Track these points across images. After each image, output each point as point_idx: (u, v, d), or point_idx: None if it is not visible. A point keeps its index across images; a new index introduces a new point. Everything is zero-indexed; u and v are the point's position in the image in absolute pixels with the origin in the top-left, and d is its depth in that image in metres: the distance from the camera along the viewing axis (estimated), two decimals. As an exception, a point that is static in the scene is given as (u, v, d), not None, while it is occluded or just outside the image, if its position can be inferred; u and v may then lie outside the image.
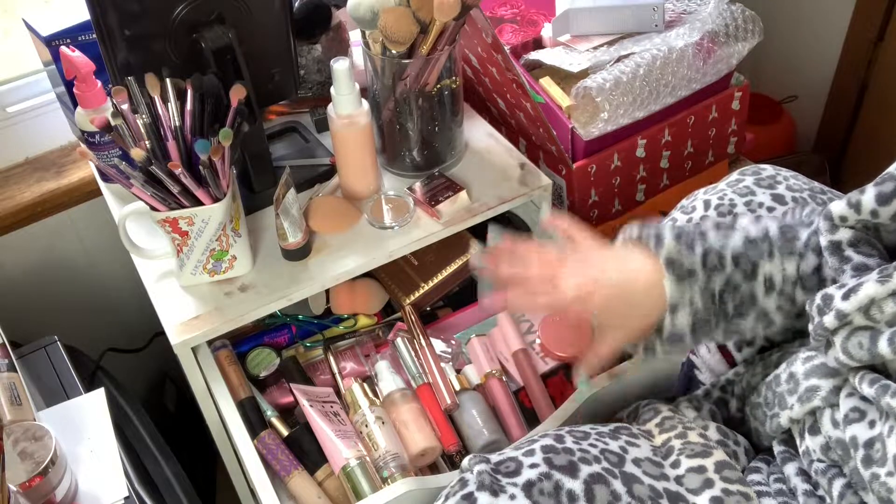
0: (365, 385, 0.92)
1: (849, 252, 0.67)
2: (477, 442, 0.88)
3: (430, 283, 1.02)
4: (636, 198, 1.28)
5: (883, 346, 0.59)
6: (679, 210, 0.93)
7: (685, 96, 1.20)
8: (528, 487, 0.63)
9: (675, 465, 0.69)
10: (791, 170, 0.93)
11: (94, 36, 0.86)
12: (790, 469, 0.70)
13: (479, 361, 0.95)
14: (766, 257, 0.73)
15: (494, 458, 0.68)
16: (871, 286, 0.59)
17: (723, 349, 0.87)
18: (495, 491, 0.63)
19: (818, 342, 0.66)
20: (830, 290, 0.63)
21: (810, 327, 0.66)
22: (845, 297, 0.61)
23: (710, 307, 0.74)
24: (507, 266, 0.80)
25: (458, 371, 0.96)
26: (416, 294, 1.02)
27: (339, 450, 0.86)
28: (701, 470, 0.68)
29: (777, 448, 0.72)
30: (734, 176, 0.92)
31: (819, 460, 0.67)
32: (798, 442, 0.70)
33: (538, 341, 0.97)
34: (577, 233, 0.81)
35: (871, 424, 0.61)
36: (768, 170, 0.91)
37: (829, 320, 0.62)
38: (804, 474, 0.69)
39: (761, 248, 0.74)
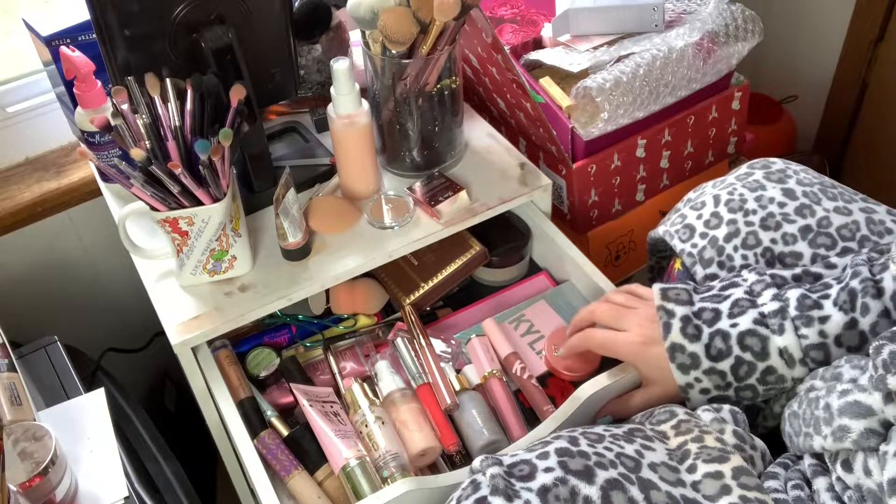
0: (365, 385, 0.92)
1: None
2: (477, 442, 0.88)
3: (430, 283, 1.02)
4: (636, 198, 1.28)
5: None
6: (688, 205, 0.91)
7: (685, 96, 1.20)
8: (543, 493, 0.61)
9: (692, 469, 0.67)
10: None
11: (94, 36, 0.86)
12: (821, 483, 0.67)
13: (479, 361, 0.95)
14: (776, 332, 0.73)
15: (507, 460, 0.66)
16: None
17: None
18: (509, 496, 0.61)
19: (878, 391, 0.62)
20: None
21: (871, 370, 0.62)
22: None
23: (721, 384, 0.76)
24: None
25: (458, 371, 0.95)
26: (416, 294, 1.02)
27: (339, 450, 0.86)
28: (718, 476, 0.66)
29: (808, 460, 0.69)
30: (743, 169, 0.90)
31: (853, 489, 0.64)
32: (830, 466, 0.67)
33: (543, 353, 0.96)
34: (643, 290, 0.86)
35: None
36: (778, 163, 0.89)
37: (893, 383, 0.59)
38: (835, 491, 0.66)
39: (772, 323, 0.74)
